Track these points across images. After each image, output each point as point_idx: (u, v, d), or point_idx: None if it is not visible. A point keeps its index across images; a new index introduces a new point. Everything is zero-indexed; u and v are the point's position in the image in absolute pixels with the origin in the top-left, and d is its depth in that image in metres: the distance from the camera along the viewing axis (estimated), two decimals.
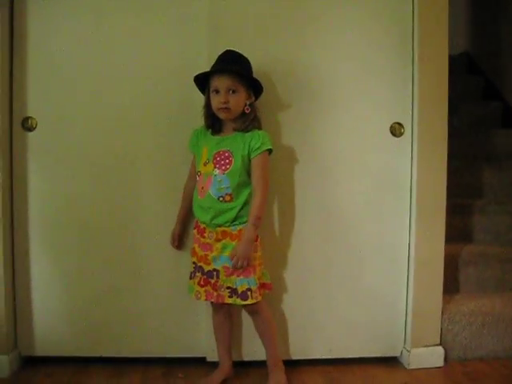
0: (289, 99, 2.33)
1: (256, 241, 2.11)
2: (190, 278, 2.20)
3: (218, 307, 2.23)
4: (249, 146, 2.09)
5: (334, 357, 2.43)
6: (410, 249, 2.43)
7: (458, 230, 3.00)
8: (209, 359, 2.38)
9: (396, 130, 2.39)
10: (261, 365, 2.29)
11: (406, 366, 2.42)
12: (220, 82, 2.06)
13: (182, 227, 2.29)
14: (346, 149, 2.39)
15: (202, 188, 2.11)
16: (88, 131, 2.33)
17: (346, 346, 2.45)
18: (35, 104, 2.30)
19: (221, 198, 2.08)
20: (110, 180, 2.35)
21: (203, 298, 2.14)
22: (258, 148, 2.09)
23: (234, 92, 2.06)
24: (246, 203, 2.10)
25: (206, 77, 2.11)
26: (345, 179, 2.40)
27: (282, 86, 2.32)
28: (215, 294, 2.12)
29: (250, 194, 2.11)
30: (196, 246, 2.17)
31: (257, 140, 2.08)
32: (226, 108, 2.07)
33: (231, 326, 2.30)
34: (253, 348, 2.36)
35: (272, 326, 2.25)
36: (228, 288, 2.10)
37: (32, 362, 2.38)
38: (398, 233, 2.43)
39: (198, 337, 2.40)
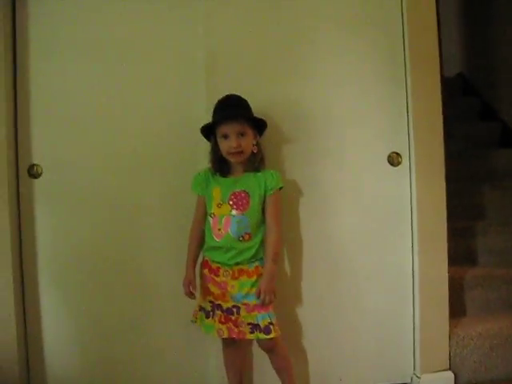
0: (288, 135, 2.38)
1: None
2: (207, 318, 2.18)
3: (229, 343, 2.24)
4: (265, 184, 2.15)
5: None
6: (414, 274, 2.45)
7: (461, 253, 3.01)
8: None
9: (394, 159, 2.43)
10: None
11: None
12: (229, 128, 2.11)
13: (193, 272, 2.23)
14: (345, 180, 2.43)
15: (219, 229, 2.13)
16: (92, 177, 2.37)
17: (356, 375, 2.46)
18: (40, 151, 2.35)
19: (241, 238, 2.12)
20: (117, 223, 2.38)
21: (226, 334, 2.14)
22: (274, 187, 2.16)
23: (242, 135, 2.12)
24: (261, 241, 2.16)
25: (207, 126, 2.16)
26: (346, 209, 2.43)
27: (281, 123, 2.37)
28: (236, 330, 2.13)
29: (264, 231, 2.16)
30: (210, 285, 2.17)
31: (272, 179, 2.15)
32: (238, 152, 2.12)
33: (243, 362, 2.31)
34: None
35: (289, 361, 2.26)
36: (249, 324, 2.11)
37: None
38: (402, 259, 2.45)
39: (210, 375, 2.41)
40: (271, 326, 2.10)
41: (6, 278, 2.28)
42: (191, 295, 2.21)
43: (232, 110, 2.13)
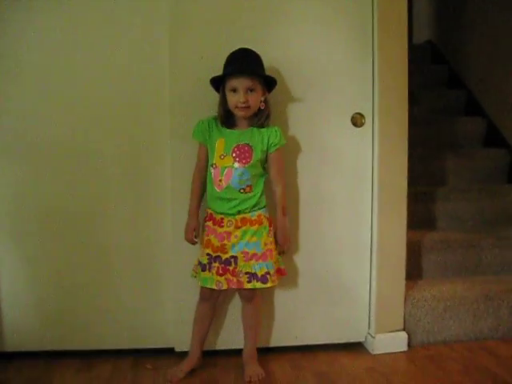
0: None
1: (270, 226, 2.22)
2: (203, 271, 2.18)
3: (208, 297, 2.25)
4: (268, 141, 2.18)
5: (299, 344, 2.47)
6: (372, 236, 2.47)
7: (421, 217, 3.07)
8: (177, 349, 2.41)
9: (357, 120, 2.41)
10: (229, 354, 2.36)
11: (371, 352, 2.48)
12: (239, 82, 2.10)
13: (197, 219, 2.25)
14: (309, 138, 2.41)
15: (220, 180, 2.16)
16: (49, 124, 2.32)
17: (312, 333, 2.49)
18: None
19: (241, 190, 2.16)
20: (74, 171, 2.34)
21: (225, 286, 2.16)
22: (277, 143, 2.20)
23: (251, 91, 2.12)
24: (262, 191, 2.21)
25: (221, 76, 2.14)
26: (311, 166, 2.42)
27: None
28: (235, 280, 2.16)
29: (264, 183, 2.21)
30: (212, 237, 2.19)
31: (275, 136, 2.19)
32: (245, 107, 2.12)
33: (213, 317, 2.32)
34: (226, 337, 2.42)
35: (260, 316, 2.34)
36: (247, 273, 2.16)
37: (1, 358, 2.38)
38: (361, 220, 2.47)
39: (165, 328, 2.42)
40: (268, 276, 2.16)
41: None
42: (193, 242, 2.26)
43: (244, 64, 2.12)
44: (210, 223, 2.21)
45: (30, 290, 2.38)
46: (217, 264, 2.17)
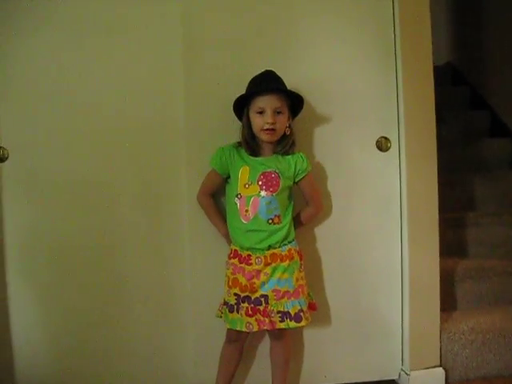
0: None
1: (301, 260, 2.11)
2: (231, 312, 2.07)
3: (234, 339, 2.14)
4: (295, 167, 2.10)
5: (332, 383, 2.35)
6: (403, 266, 2.37)
7: (452, 245, 2.96)
8: None
9: (382, 144, 2.34)
10: None
11: None
12: (267, 102, 2.01)
13: (226, 227, 2.16)
14: (335, 163, 2.33)
15: (247, 211, 2.05)
16: (62, 161, 2.24)
17: (342, 372, 2.38)
18: (6, 134, 2.21)
19: (270, 221, 2.05)
20: (87, 205, 2.25)
21: (256, 328, 2.04)
22: (305, 169, 2.12)
23: (279, 113, 2.03)
24: (291, 223, 2.11)
25: (242, 97, 2.06)
26: (335, 194, 2.33)
27: None
28: (267, 320, 2.03)
29: (292, 212, 2.12)
30: (239, 275, 2.07)
31: (302, 162, 2.11)
32: (272, 129, 2.02)
33: (240, 360, 2.20)
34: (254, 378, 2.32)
35: (290, 355, 2.22)
36: (279, 312, 2.04)
37: None
38: (390, 249, 2.37)
39: (185, 369, 2.30)
40: (301, 314, 2.04)
41: None
42: None
43: (271, 83, 2.04)
44: (235, 261, 2.09)
45: (43, 328, 2.27)
46: (246, 304, 2.04)
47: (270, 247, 2.04)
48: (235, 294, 2.06)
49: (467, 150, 3.68)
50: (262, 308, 2.03)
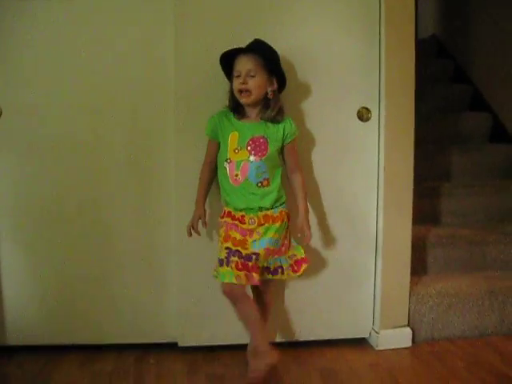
0: None
1: (289, 221, 2.20)
2: (221, 266, 2.09)
3: (231, 291, 2.12)
4: (283, 132, 2.15)
5: (303, 339, 2.46)
6: (377, 231, 2.46)
7: (426, 213, 3.05)
8: (180, 344, 2.40)
9: (363, 114, 2.40)
10: (232, 349, 2.36)
11: (375, 347, 2.47)
12: (241, 65, 2.09)
13: (203, 208, 2.22)
14: (316, 132, 2.39)
15: (237, 175, 2.11)
16: (53, 119, 2.31)
17: (315, 329, 2.48)
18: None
19: (259, 184, 2.12)
20: (78, 167, 2.33)
21: (244, 281, 2.07)
22: (293, 133, 2.18)
23: (253, 76, 2.08)
24: (280, 185, 2.18)
25: (231, 63, 2.13)
26: (317, 161, 2.41)
27: None
28: (254, 274, 2.09)
29: (281, 176, 2.18)
30: (232, 231, 2.12)
31: (290, 127, 2.17)
32: (245, 91, 2.08)
33: (256, 300, 2.26)
34: (229, 332, 2.41)
35: (270, 309, 2.33)
36: (263, 267, 2.16)
37: (2, 352, 2.37)
38: (367, 215, 2.46)
39: (169, 322, 2.41)
40: (279, 269, 2.18)
41: None
42: (197, 231, 2.22)
43: (248, 46, 2.11)
44: (228, 219, 2.15)
45: (32, 284, 2.37)
46: (236, 258, 2.08)
47: (261, 208, 2.12)
48: (226, 248, 2.10)
49: (447, 122, 3.76)
50: (251, 264, 2.09)
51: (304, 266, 2.21)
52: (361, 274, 2.48)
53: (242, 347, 2.32)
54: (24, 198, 2.33)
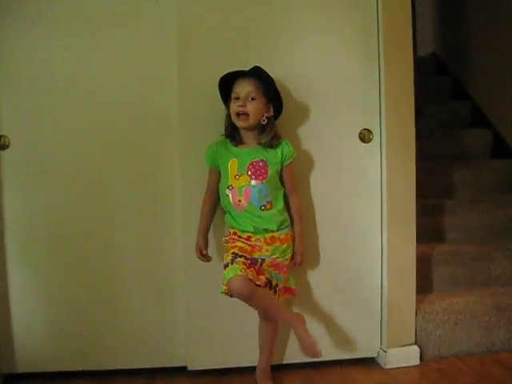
0: None
1: (293, 243, 2.24)
2: (227, 267, 2.07)
3: (240, 289, 2.07)
4: (281, 154, 2.19)
5: (312, 360, 2.46)
6: (382, 250, 2.47)
7: (430, 230, 3.05)
8: (190, 368, 2.41)
9: (365, 136, 2.43)
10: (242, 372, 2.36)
11: (383, 366, 2.48)
12: (241, 88, 2.12)
13: (206, 238, 2.25)
14: (318, 155, 2.42)
15: (240, 201, 2.14)
16: (61, 147, 2.35)
17: (325, 349, 2.41)
18: (7, 123, 2.31)
19: (262, 207, 2.14)
20: (85, 194, 2.36)
21: (250, 274, 2.04)
22: (291, 155, 2.22)
23: (253, 99, 2.11)
24: (284, 207, 2.21)
25: (229, 87, 2.16)
26: (319, 184, 2.43)
27: None
28: (260, 276, 2.10)
29: (283, 197, 2.22)
30: (239, 243, 2.13)
31: (287, 149, 2.20)
32: (243, 114, 2.11)
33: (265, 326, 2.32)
34: (240, 354, 2.42)
35: (276, 333, 2.32)
36: (266, 278, 2.15)
37: (13, 380, 2.38)
38: (371, 235, 2.47)
39: (178, 346, 2.42)
40: (276, 288, 2.18)
41: None
42: (205, 258, 2.24)
43: (248, 70, 2.15)
44: (235, 236, 2.16)
45: (42, 310, 2.39)
46: (242, 259, 2.08)
47: (267, 230, 2.14)
48: (232, 254, 2.10)
49: (449, 139, 3.79)
50: (256, 267, 2.11)
51: (287, 296, 2.25)
52: (368, 294, 2.49)
53: (251, 369, 2.33)
54: (33, 223, 2.36)
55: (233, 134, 2.20)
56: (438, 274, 2.84)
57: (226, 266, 2.09)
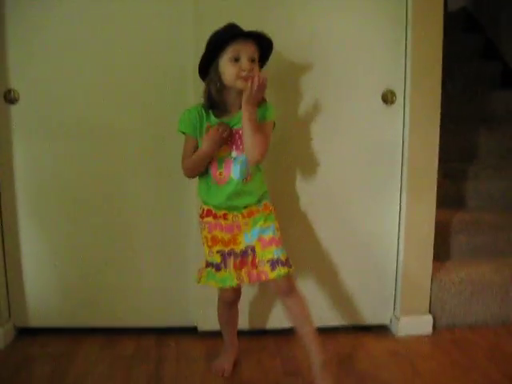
0: (283, 66, 2.25)
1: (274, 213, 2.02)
2: (218, 270, 1.98)
3: (230, 302, 2.12)
4: (261, 114, 1.91)
5: (323, 325, 2.41)
6: (400, 214, 2.42)
7: (451, 196, 2.99)
8: (200, 328, 2.42)
9: (388, 97, 2.34)
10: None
11: (395, 334, 2.45)
12: (243, 48, 1.85)
13: None
14: (339, 115, 2.34)
15: (220, 174, 1.93)
16: (72, 107, 2.29)
17: (336, 315, 2.47)
18: (17, 76, 2.26)
19: (244, 180, 1.93)
20: (97, 152, 2.32)
21: (246, 280, 1.94)
22: (268, 116, 1.93)
23: (253, 61, 1.87)
24: (263, 179, 2.02)
25: (214, 48, 1.89)
26: (339, 145, 2.36)
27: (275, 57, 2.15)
28: (255, 272, 1.94)
29: (262, 170, 2.02)
30: (217, 232, 1.97)
31: (265, 109, 1.93)
32: (250, 77, 1.82)
33: (238, 315, 2.23)
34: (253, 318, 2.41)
35: (307, 306, 2.03)
36: (269, 261, 1.92)
37: (26, 334, 2.41)
38: (390, 198, 2.41)
39: (189, 307, 2.43)
40: (289, 260, 1.95)
41: None
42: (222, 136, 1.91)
43: (248, 30, 1.89)
44: (209, 219, 1.98)
45: (53, 268, 2.39)
46: (232, 259, 1.96)
47: (246, 206, 1.96)
48: (219, 252, 1.97)
49: (476, 101, 3.66)
50: (250, 259, 1.95)
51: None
52: (383, 259, 2.45)
53: (259, 332, 2.32)
54: (44, 184, 2.33)
55: (218, 105, 1.94)
56: (456, 242, 2.78)
57: (218, 267, 1.98)
